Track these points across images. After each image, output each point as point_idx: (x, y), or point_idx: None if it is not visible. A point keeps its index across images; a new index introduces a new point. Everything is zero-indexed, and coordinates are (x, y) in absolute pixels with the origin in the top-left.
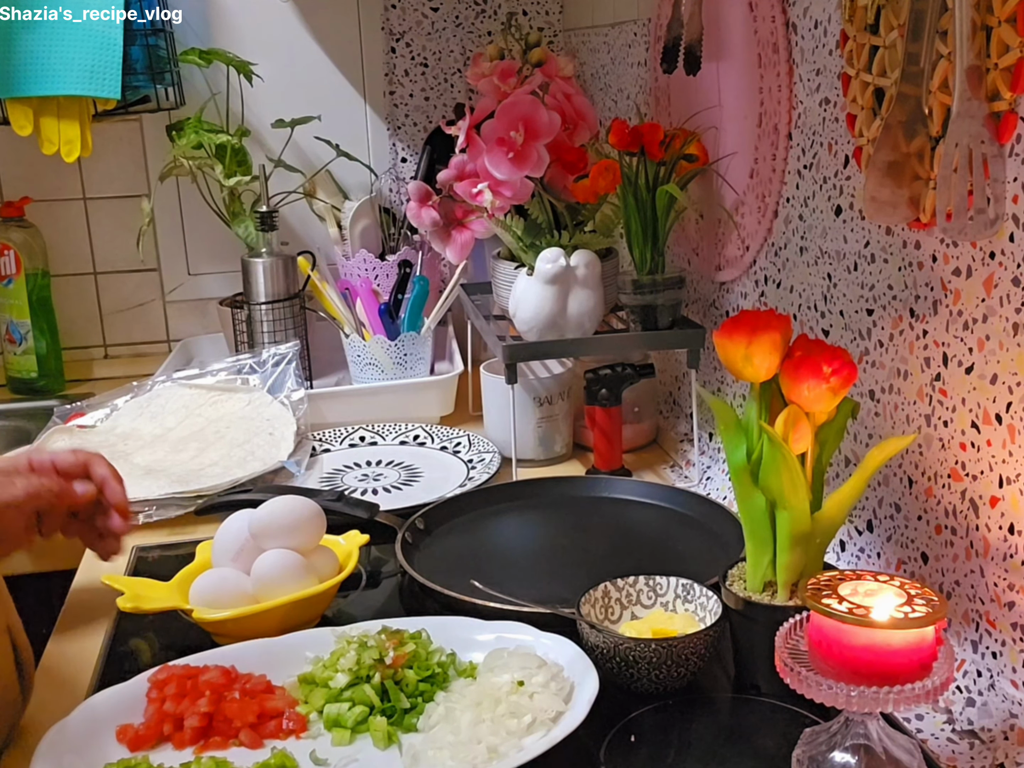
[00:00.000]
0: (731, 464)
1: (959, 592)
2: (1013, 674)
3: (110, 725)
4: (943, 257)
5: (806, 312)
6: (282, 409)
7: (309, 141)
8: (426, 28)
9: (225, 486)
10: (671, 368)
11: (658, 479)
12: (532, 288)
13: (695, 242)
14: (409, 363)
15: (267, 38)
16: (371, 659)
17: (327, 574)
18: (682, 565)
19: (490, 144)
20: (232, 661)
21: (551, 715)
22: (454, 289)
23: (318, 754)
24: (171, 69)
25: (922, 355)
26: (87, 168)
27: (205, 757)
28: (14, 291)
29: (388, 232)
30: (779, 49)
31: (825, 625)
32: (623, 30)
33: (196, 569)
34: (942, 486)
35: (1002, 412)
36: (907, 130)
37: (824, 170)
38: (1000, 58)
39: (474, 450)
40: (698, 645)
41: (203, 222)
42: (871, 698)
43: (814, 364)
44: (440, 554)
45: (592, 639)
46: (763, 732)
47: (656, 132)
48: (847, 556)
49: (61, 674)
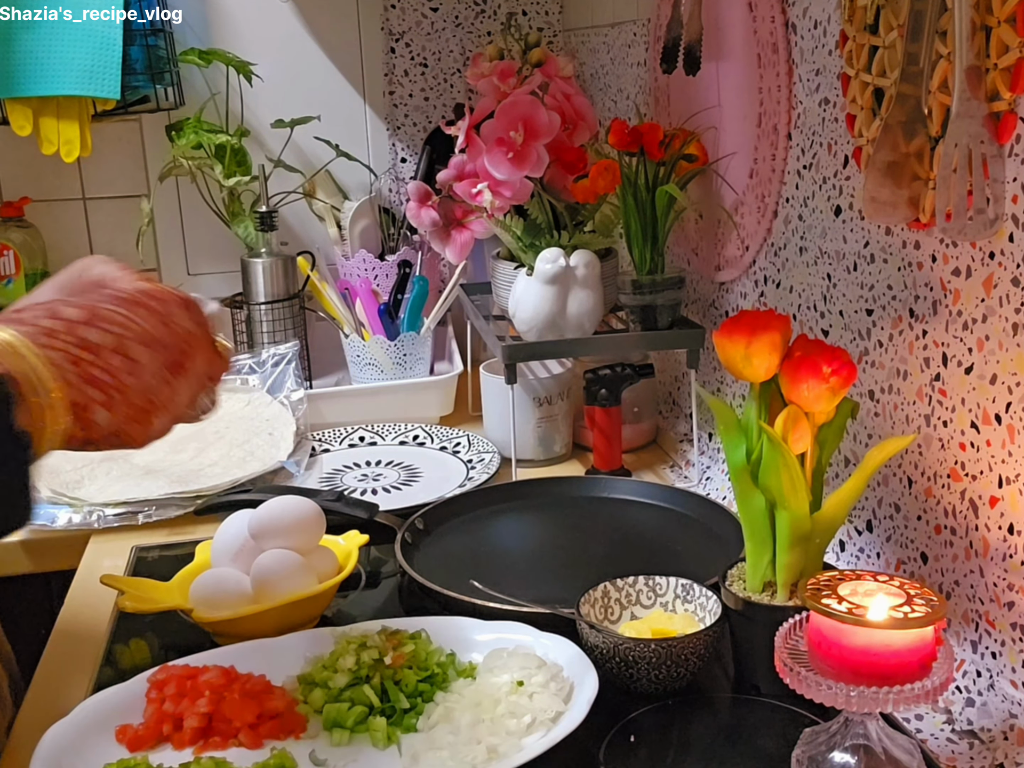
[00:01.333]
0: (731, 464)
1: (959, 592)
2: (1013, 674)
3: (109, 725)
4: (943, 257)
5: (806, 312)
6: (281, 409)
7: (309, 141)
8: (426, 28)
9: (225, 486)
10: (671, 368)
11: (658, 479)
12: (532, 288)
13: (695, 242)
14: (409, 363)
15: (267, 38)
16: (370, 659)
17: (327, 574)
18: (682, 565)
19: (490, 144)
20: (232, 661)
21: (551, 715)
22: (454, 289)
23: (317, 754)
24: (171, 69)
25: (922, 355)
26: (87, 168)
27: (204, 757)
28: (14, 291)
29: (388, 232)
30: (779, 49)
31: (825, 625)
32: (623, 30)
33: (196, 569)
34: (942, 486)
35: (1001, 412)
36: (906, 130)
37: (824, 170)
38: (999, 58)
39: (474, 450)
40: (698, 645)
41: (203, 222)
42: (871, 698)
43: (814, 364)
44: (440, 554)
45: (592, 639)
46: (763, 732)
47: (656, 132)
48: (847, 556)
49: (61, 674)
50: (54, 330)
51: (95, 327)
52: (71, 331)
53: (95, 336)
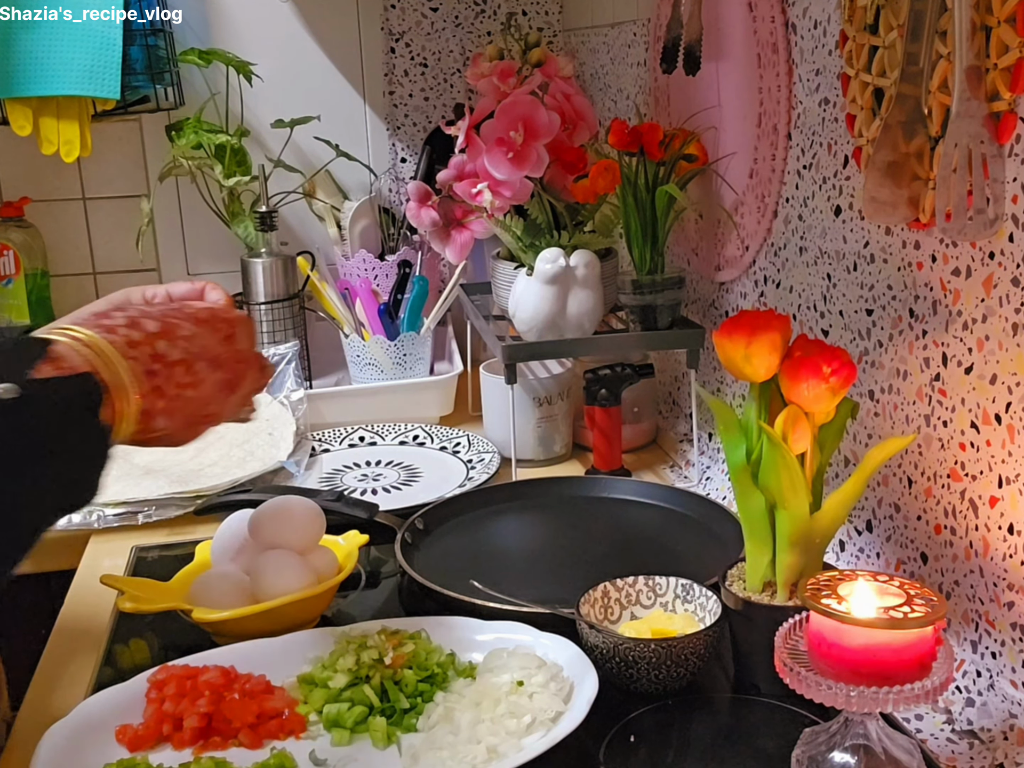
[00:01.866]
0: (730, 464)
1: (958, 592)
2: (1013, 674)
3: (109, 725)
4: (943, 257)
5: (806, 312)
6: (281, 409)
7: (309, 141)
8: (426, 28)
9: (224, 486)
10: (671, 368)
11: (657, 479)
12: (532, 288)
13: (695, 242)
14: (408, 363)
15: (267, 38)
16: (370, 659)
17: (327, 574)
18: (681, 565)
19: (490, 144)
20: (232, 661)
21: (551, 715)
22: (453, 289)
23: (317, 754)
24: (171, 69)
25: (921, 355)
26: (86, 168)
27: (204, 757)
28: (13, 291)
29: (388, 232)
30: (778, 49)
31: (825, 625)
32: (622, 30)
33: (196, 569)
34: (941, 486)
35: (1001, 412)
36: (906, 130)
37: (823, 170)
38: (999, 58)
39: (474, 450)
40: (697, 645)
41: (202, 222)
42: (870, 698)
43: (814, 364)
44: (439, 554)
45: (591, 639)
46: (763, 732)
47: (656, 132)
48: (847, 556)
49: (61, 674)
50: (136, 341)
51: (169, 341)
52: (149, 343)
53: (167, 350)
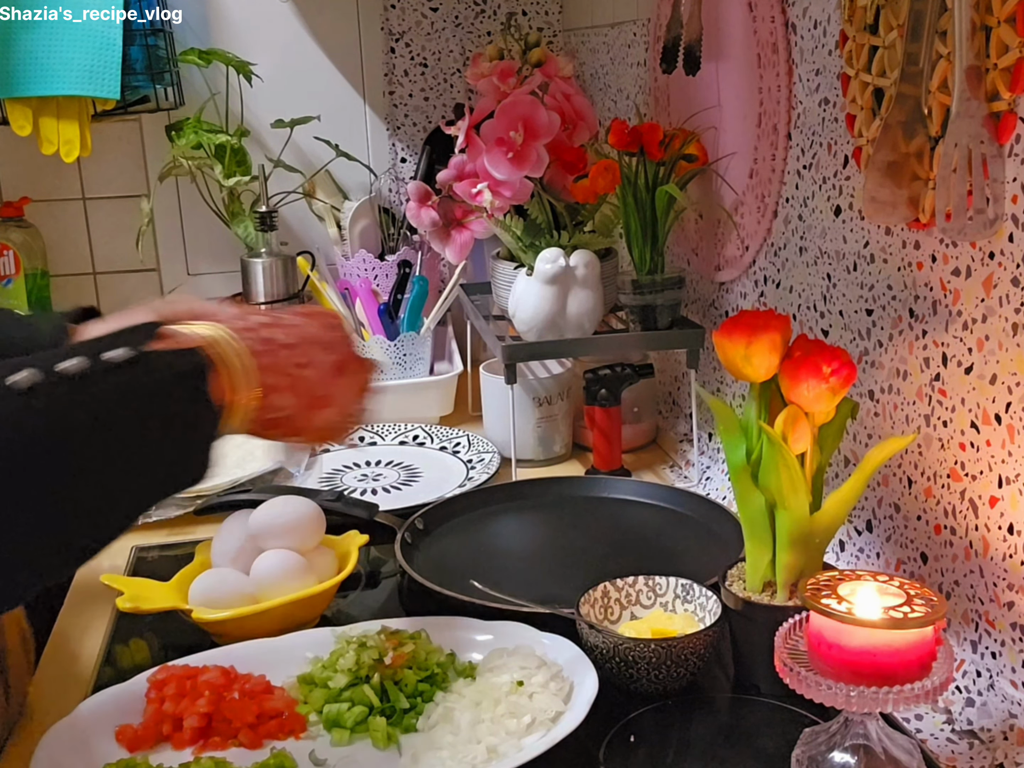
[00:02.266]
0: (730, 464)
1: (958, 592)
2: (1012, 674)
3: (109, 725)
4: (942, 257)
5: (806, 312)
6: None
7: (308, 141)
8: (425, 28)
9: (224, 486)
10: (670, 368)
11: (657, 479)
12: (531, 288)
13: (695, 242)
14: (408, 363)
15: (267, 38)
16: (370, 659)
17: (326, 574)
18: (681, 565)
19: (489, 144)
20: (231, 661)
21: (550, 715)
22: (453, 289)
23: (317, 754)
24: (170, 69)
25: (921, 355)
26: (86, 168)
27: (204, 757)
28: (13, 291)
29: (387, 232)
30: (778, 49)
31: (825, 625)
32: (622, 30)
33: (195, 569)
34: (941, 486)
35: (1001, 412)
36: (906, 130)
37: (823, 170)
38: (999, 58)
39: (473, 450)
40: (697, 645)
41: (202, 222)
42: (870, 698)
43: (814, 364)
44: (439, 554)
45: (591, 639)
46: (763, 732)
47: (655, 132)
48: (846, 556)
49: (60, 674)
50: (247, 327)
51: (278, 328)
52: (258, 331)
53: (278, 334)
